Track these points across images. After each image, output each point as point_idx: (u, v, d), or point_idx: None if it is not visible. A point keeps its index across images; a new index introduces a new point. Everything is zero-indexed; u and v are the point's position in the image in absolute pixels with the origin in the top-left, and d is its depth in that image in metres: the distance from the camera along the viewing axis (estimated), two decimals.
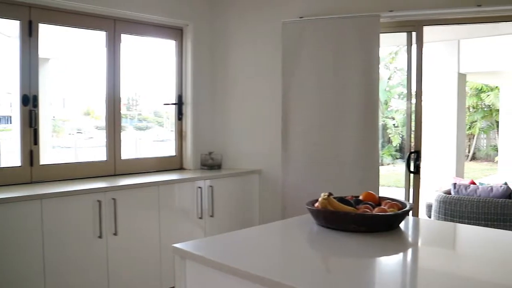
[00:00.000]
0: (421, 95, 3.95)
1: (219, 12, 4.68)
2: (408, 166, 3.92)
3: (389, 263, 1.86)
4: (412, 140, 3.99)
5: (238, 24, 4.61)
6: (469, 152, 18.65)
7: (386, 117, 17.34)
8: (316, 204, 2.14)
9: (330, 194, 2.09)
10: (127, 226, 3.54)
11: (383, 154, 16.43)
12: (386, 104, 17.48)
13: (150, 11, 4.19)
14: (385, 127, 17.14)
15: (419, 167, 3.91)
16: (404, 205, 2.16)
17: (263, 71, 4.47)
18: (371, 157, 3.85)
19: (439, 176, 9.12)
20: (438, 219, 5.57)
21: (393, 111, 17.62)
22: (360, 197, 2.27)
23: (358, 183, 3.79)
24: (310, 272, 1.69)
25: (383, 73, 17.03)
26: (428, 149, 9.82)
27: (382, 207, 2.13)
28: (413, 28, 3.96)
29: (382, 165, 15.96)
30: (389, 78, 17.64)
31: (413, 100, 3.95)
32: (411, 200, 3.89)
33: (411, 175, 3.92)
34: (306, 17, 4.11)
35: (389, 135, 17.06)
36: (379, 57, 3.88)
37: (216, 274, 1.75)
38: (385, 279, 1.67)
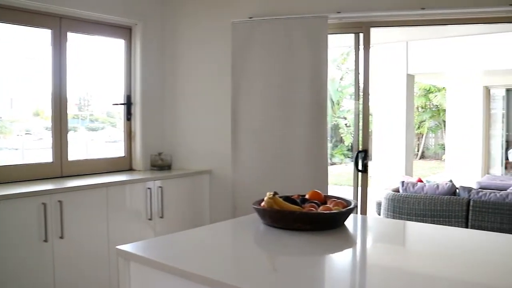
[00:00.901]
0: (368, 95, 4.03)
1: (168, 11, 4.64)
2: (356, 165, 3.98)
3: (334, 260, 1.89)
4: (360, 139, 4.05)
5: (188, 24, 4.58)
6: (418, 151, 19.15)
7: (338, 117, 17.63)
8: (263, 204, 2.15)
9: (275, 193, 2.10)
10: (74, 229, 3.45)
11: (335, 153, 16.69)
12: (338, 104, 17.77)
13: (97, 9, 4.11)
14: (337, 127, 17.41)
15: (367, 166, 3.98)
16: (349, 203, 2.19)
17: (213, 71, 4.46)
18: (320, 156, 3.90)
19: (389, 175, 9.33)
20: (387, 217, 5.70)
21: (345, 111, 17.92)
22: (306, 196, 2.29)
23: (308, 181, 3.83)
24: (256, 271, 1.69)
25: (335, 73, 17.30)
26: (379, 148, 10.04)
27: (327, 205, 2.15)
28: (360, 29, 4.02)
29: (335, 164, 16.22)
30: (341, 79, 17.93)
31: (361, 100, 4.03)
32: (359, 198, 3.96)
33: (359, 173, 3.98)
34: (255, 18, 4.12)
35: (341, 135, 17.33)
36: (327, 57, 3.92)
37: (161, 275, 1.74)
38: (330, 276, 1.70)
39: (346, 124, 17.25)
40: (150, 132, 4.55)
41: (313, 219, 2.05)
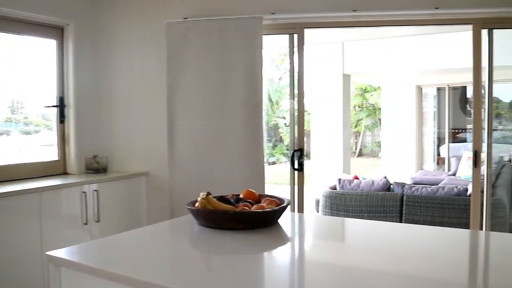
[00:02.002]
0: (303, 95, 4.10)
1: (102, 11, 4.55)
2: (292, 163, 4.04)
3: (268, 258, 1.92)
4: (296, 138, 4.12)
5: (122, 24, 4.52)
6: (356, 148, 19.62)
7: (278, 117, 17.82)
8: (196, 204, 2.16)
9: (208, 193, 2.11)
10: (4, 237, 3.33)
11: (275, 152, 16.86)
12: (278, 104, 17.97)
13: (26, 8, 3.96)
14: (276, 127, 17.60)
15: (303, 165, 4.05)
16: (282, 201, 2.23)
17: (149, 71, 4.41)
18: (256, 155, 3.93)
19: (328, 173, 9.51)
20: (325, 214, 5.82)
21: (284, 110, 18.13)
22: (241, 195, 2.31)
23: (245, 181, 3.85)
24: (190, 272, 1.69)
25: (274, 73, 17.46)
26: (317, 147, 10.22)
27: (261, 204, 2.18)
28: (294, 30, 4.09)
29: (275, 163, 16.38)
30: (279, 79, 18.13)
31: (296, 100, 4.10)
32: (296, 197, 4.03)
33: (296, 172, 4.05)
34: (190, 18, 4.11)
35: (281, 134, 17.53)
36: (262, 58, 3.97)
37: (93, 280, 1.70)
38: (265, 274, 1.72)
39: (285, 124, 17.46)
40: (84, 135, 4.45)
41: (246, 218, 2.07)
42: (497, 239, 2.35)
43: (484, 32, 3.90)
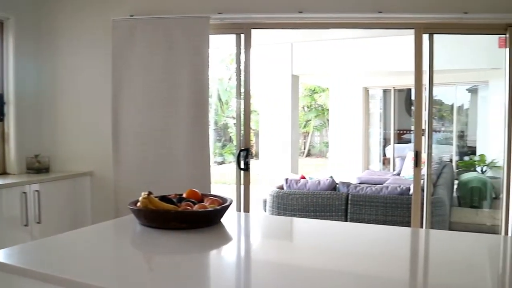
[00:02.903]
0: (249, 95, 4.12)
1: (45, 5, 4.43)
2: (238, 163, 4.05)
3: (210, 257, 1.92)
4: (242, 138, 4.13)
5: (67, 20, 4.41)
6: (304, 149, 19.85)
7: (227, 117, 17.81)
8: (138, 204, 2.13)
9: (150, 193, 2.09)
10: None
11: (224, 152, 16.85)
12: (227, 103, 17.96)
13: None
14: (226, 126, 17.60)
15: (249, 164, 4.07)
16: (225, 200, 2.23)
17: (94, 69, 4.33)
18: (202, 155, 3.93)
19: (276, 172, 9.58)
20: (272, 213, 5.86)
21: (233, 110, 18.14)
22: (184, 195, 2.30)
23: (191, 181, 3.84)
24: (130, 272, 1.66)
25: (224, 73, 17.44)
26: (266, 147, 10.28)
27: (203, 203, 2.18)
28: (241, 30, 4.11)
29: (224, 163, 16.36)
30: (229, 79, 18.13)
31: (243, 100, 4.11)
32: (242, 196, 4.04)
33: (242, 172, 4.06)
34: (137, 16, 4.06)
35: (230, 134, 17.54)
36: (208, 57, 3.96)
37: (28, 283, 1.65)
38: (207, 273, 1.71)
39: (234, 124, 17.42)
40: (25, 133, 4.32)
41: (188, 217, 2.06)
42: (436, 237, 2.43)
43: (425, 37, 4.03)
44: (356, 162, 11.53)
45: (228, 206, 2.18)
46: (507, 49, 4.00)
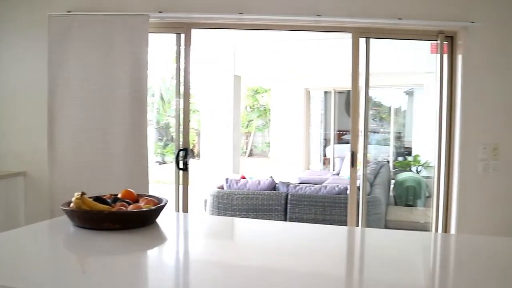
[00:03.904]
0: (189, 94, 4.11)
1: None
2: (177, 163, 4.04)
3: (145, 257, 1.91)
4: (181, 138, 4.12)
5: (1, 14, 4.25)
6: (247, 149, 19.94)
7: (169, 116, 17.64)
8: (71, 205, 2.09)
9: (83, 193, 2.06)
10: None
11: (166, 152, 16.68)
12: (169, 103, 17.80)
13: None
14: (168, 126, 17.43)
15: (187, 164, 4.06)
16: (160, 200, 2.22)
17: (28, 66, 4.20)
18: (140, 155, 3.88)
19: (218, 173, 9.56)
20: (213, 214, 5.86)
21: (179, 110, 17.94)
22: (119, 195, 2.27)
23: (128, 181, 3.78)
24: (62, 274, 1.63)
25: (166, 72, 17.25)
26: (208, 147, 10.26)
27: (138, 204, 2.16)
28: (181, 30, 4.09)
29: (166, 163, 16.19)
30: (172, 78, 17.95)
31: (182, 99, 4.10)
32: (181, 197, 4.02)
33: (180, 172, 4.05)
34: (74, 12, 3.97)
35: (172, 134, 17.38)
36: (147, 56, 3.92)
37: None
38: (141, 273, 1.71)
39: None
40: None
41: (122, 217, 2.04)
42: (372, 234, 2.52)
43: (362, 40, 4.14)
44: (297, 162, 11.67)
45: (163, 206, 2.17)
46: (439, 55, 4.18)
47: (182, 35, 4.09)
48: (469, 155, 4.09)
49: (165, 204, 2.18)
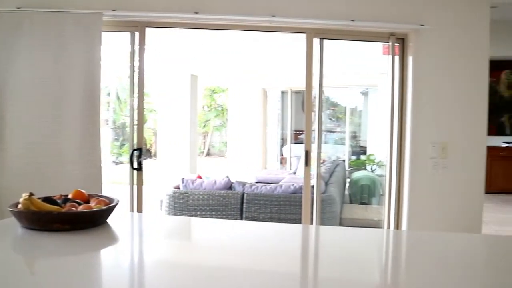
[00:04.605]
0: (143, 94, 4.08)
1: None
2: (131, 163, 4.01)
3: (94, 258, 1.89)
4: (135, 137, 4.09)
5: None
6: (204, 148, 19.88)
7: (126, 116, 17.42)
8: (19, 206, 2.05)
9: (31, 194, 2.02)
10: None
11: (123, 152, 16.46)
12: (126, 102, 17.56)
13: None
14: (124, 126, 17.18)
15: (141, 164, 4.03)
16: (112, 200, 2.20)
17: None
18: (93, 155, 3.83)
19: (175, 172, 9.51)
20: (169, 214, 5.83)
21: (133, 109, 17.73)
22: (69, 196, 2.24)
23: (81, 182, 3.72)
24: (10, 277, 1.59)
25: (123, 71, 17.02)
26: (165, 146, 10.19)
27: (88, 204, 2.14)
28: (136, 28, 4.06)
29: (122, 163, 15.99)
30: (128, 77, 17.70)
31: (136, 99, 4.07)
32: (135, 197, 3.99)
33: (135, 172, 4.02)
34: (24, 8, 3.87)
35: (129, 134, 17.15)
36: (100, 55, 3.87)
37: None
38: (90, 274, 1.68)
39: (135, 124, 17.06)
40: None
41: (71, 218, 2.02)
42: (326, 232, 2.57)
43: (316, 41, 4.20)
44: (255, 162, 11.73)
45: (114, 206, 2.15)
46: (390, 56, 4.28)
47: (137, 34, 4.06)
48: (419, 154, 4.21)
49: (116, 204, 2.17)
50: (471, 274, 1.75)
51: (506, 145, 10.09)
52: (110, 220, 2.19)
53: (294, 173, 9.59)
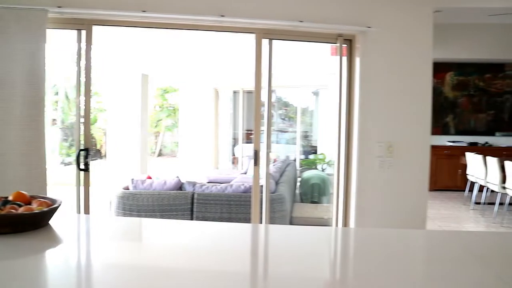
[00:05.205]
0: (90, 93, 4.01)
1: None
2: (78, 164, 3.93)
3: (36, 261, 1.83)
4: (82, 137, 4.02)
5: None
6: (156, 149, 19.68)
7: (75, 115, 17.04)
8: None
9: None
10: None
11: (72, 152, 16.11)
12: (75, 101, 17.21)
13: None
14: (73, 126, 16.82)
15: (88, 165, 3.96)
16: (54, 202, 2.15)
17: None
18: (37, 156, 3.73)
19: (126, 173, 9.37)
20: (118, 215, 5.74)
21: (81, 109, 17.36)
22: (10, 198, 2.18)
23: (25, 183, 3.63)
24: None
25: (71, 70, 16.65)
26: (115, 146, 10.02)
27: (29, 206, 2.08)
28: (82, 26, 3.98)
29: (71, 164, 15.63)
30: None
31: (83, 98, 4.00)
32: (82, 198, 3.91)
33: (81, 172, 3.94)
34: None
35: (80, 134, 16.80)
36: (45, 52, 3.77)
37: None
38: (32, 277, 1.64)
39: (82, 123, 16.72)
40: None
41: (11, 220, 1.96)
42: (276, 231, 2.59)
43: (265, 42, 4.23)
44: (206, 162, 11.69)
45: (56, 208, 2.10)
46: (338, 57, 4.35)
47: (83, 32, 3.98)
48: (366, 153, 4.30)
49: (59, 205, 2.12)
50: (415, 268, 1.84)
51: (451, 144, 10.44)
52: (53, 222, 2.15)
53: (246, 173, 9.61)
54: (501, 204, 7.68)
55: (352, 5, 4.23)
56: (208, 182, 6.72)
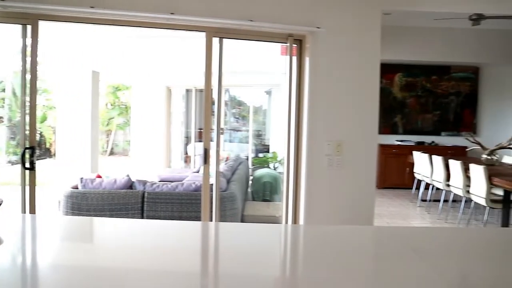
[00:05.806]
0: (36, 89, 3.92)
1: None
2: (23, 163, 3.83)
3: None
4: (28, 135, 3.92)
5: None
6: (107, 147, 19.35)
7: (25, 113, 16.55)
8: None
9: None
10: None
11: (19, 151, 15.66)
12: None
13: None
14: (19, 124, 16.35)
15: (34, 163, 3.87)
16: None
17: None
18: None
19: (76, 172, 9.18)
20: (67, 214, 5.62)
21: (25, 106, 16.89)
22: None
23: None
24: None
25: (19, 66, 16.16)
26: (64, 145, 9.80)
27: None
28: (28, 21, 3.88)
29: (19, 163, 15.20)
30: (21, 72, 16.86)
31: (28, 95, 3.91)
32: (27, 198, 3.82)
33: (27, 171, 3.85)
34: None
35: (26, 132, 16.33)
36: None
37: None
38: None
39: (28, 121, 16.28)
40: None
41: None
42: (226, 229, 2.61)
43: (216, 40, 4.24)
44: (158, 160, 11.59)
45: None
46: (288, 56, 4.41)
47: (29, 27, 3.89)
48: (315, 151, 4.37)
49: (0, 204, 2.08)
50: (362, 262, 1.92)
51: (399, 143, 10.72)
52: None
53: (198, 172, 9.59)
54: (445, 201, 7.95)
55: (303, 5, 4.29)
56: (160, 181, 6.67)
